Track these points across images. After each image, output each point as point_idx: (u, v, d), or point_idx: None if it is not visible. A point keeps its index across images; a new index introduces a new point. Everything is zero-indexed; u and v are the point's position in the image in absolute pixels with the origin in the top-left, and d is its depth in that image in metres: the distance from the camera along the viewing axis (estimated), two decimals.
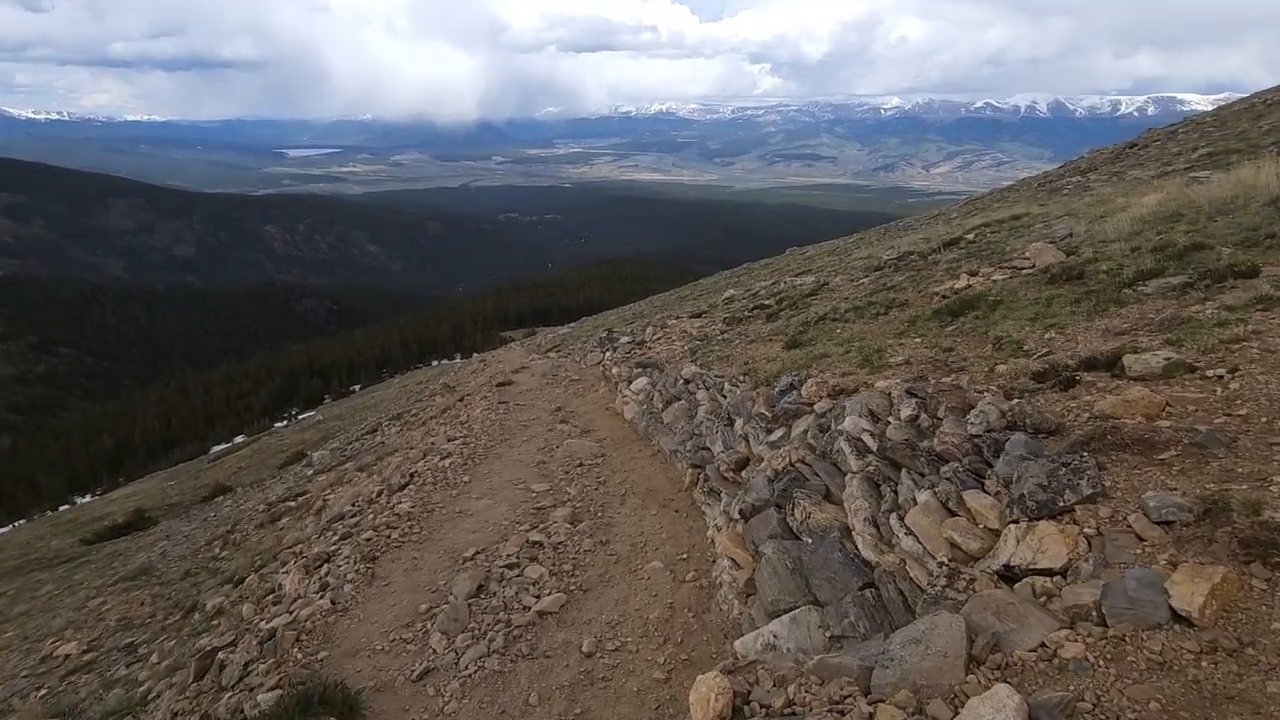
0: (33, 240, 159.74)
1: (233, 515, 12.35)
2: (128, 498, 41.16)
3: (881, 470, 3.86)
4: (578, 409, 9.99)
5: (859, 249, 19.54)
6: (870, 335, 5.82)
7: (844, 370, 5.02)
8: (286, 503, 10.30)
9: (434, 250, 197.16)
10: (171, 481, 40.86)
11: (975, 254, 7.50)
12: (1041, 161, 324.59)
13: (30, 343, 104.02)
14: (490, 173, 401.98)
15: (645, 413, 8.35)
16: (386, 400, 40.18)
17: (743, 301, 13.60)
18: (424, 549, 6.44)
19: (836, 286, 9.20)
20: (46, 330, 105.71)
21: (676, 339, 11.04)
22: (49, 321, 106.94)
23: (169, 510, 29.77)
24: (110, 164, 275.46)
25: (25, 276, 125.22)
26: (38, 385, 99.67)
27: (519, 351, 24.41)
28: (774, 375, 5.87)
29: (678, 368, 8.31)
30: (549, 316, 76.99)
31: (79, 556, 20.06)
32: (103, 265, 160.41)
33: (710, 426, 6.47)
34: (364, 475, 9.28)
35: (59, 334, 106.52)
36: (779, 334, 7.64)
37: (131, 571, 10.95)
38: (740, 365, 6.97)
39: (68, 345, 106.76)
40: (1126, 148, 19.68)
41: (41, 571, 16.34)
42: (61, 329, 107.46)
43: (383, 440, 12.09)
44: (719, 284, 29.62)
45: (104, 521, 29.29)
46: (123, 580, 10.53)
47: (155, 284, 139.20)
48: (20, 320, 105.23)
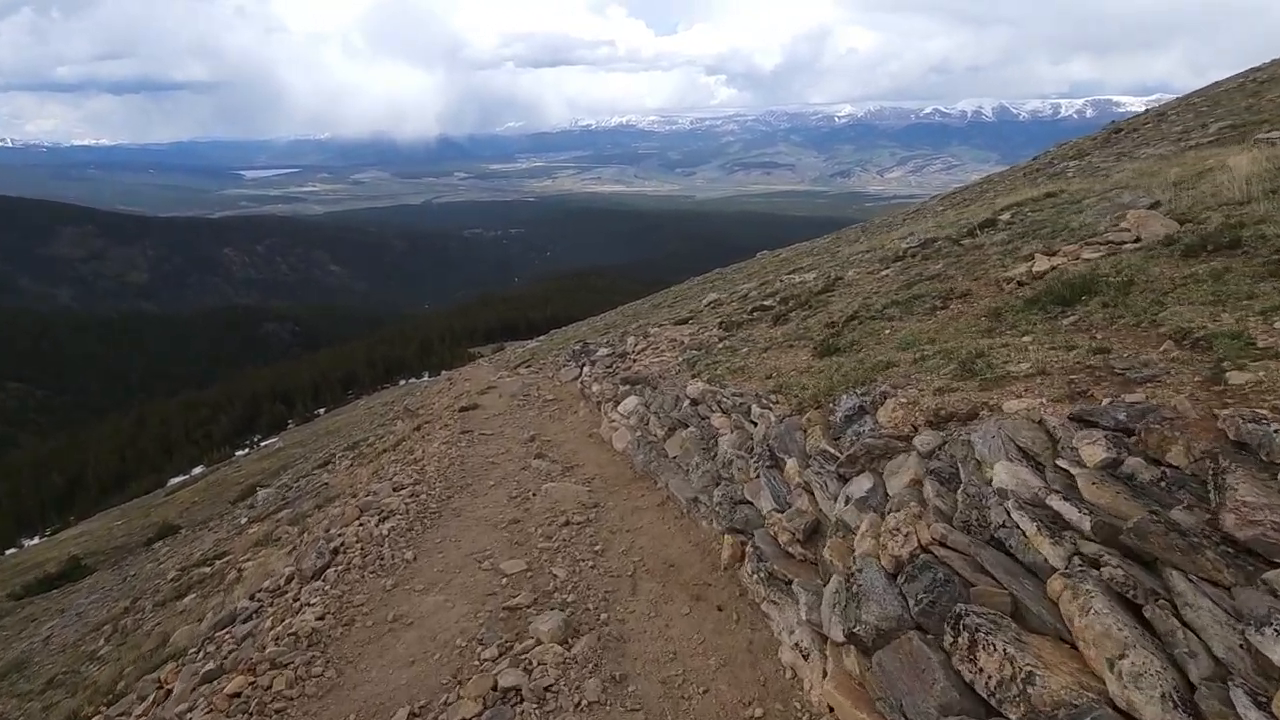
0: None
1: (143, 580, 10.53)
2: (75, 539, 38.45)
3: (1130, 576, 2.23)
4: (556, 437, 8.37)
5: (846, 246, 18.52)
6: (944, 335, 4.53)
7: (937, 385, 3.68)
8: (201, 568, 8.59)
9: (398, 268, 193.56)
10: (120, 521, 38.26)
11: (1029, 233, 6.34)
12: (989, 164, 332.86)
13: None
14: (453, 189, 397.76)
15: (641, 442, 6.88)
16: (350, 424, 38.18)
17: (733, 305, 12.39)
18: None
19: (853, 281, 7.98)
20: None
21: (666, 349, 9.58)
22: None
23: (112, 554, 27.50)
24: (58, 190, 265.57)
25: None
26: None
27: (487, 368, 22.85)
28: (821, 393, 4.48)
29: (677, 384, 6.90)
30: (517, 331, 75.54)
31: None
32: (53, 295, 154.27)
33: (743, 467, 4.86)
34: (295, 531, 7.68)
35: (7, 368, 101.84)
36: (799, 338, 6.35)
37: (3, 667, 9.12)
38: (762, 379, 5.59)
39: (16, 379, 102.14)
40: (1112, 133, 19.14)
41: None
42: (9, 362, 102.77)
43: (327, 481, 10.42)
44: (694, 290, 28.48)
45: (39, 571, 26.95)
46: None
47: (109, 312, 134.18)
48: None
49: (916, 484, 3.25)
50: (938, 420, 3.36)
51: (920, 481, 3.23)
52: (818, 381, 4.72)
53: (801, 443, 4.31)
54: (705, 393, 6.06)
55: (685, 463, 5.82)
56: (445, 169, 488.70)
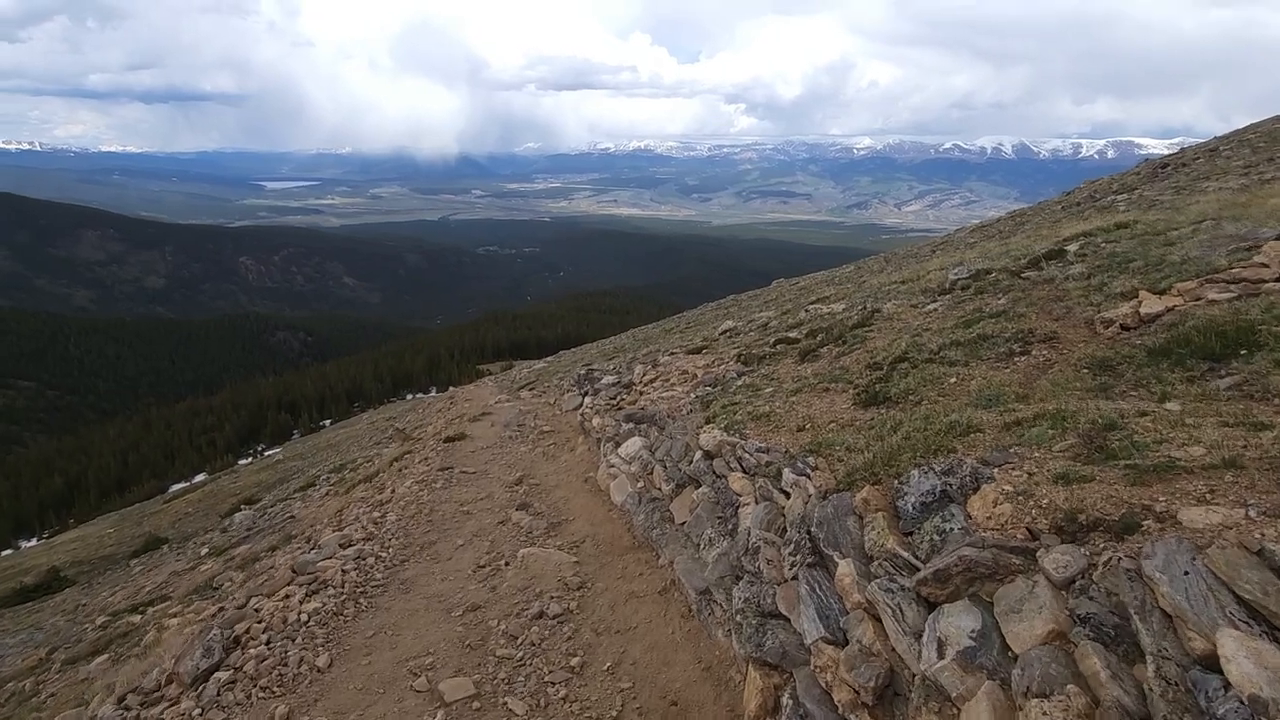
0: None
1: (80, 619, 9.47)
2: (69, 544, 37.68)
3: None
4: (546, 480, 7.32)
5: (871, 276, 17.59)
6: (1038, 392, 3.55)
7: (1055, 468, 2.64)
8: (133, 615, 7.56)
9: (412, 282, 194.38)
10: (112, 529, 37.48)
11: (1112, 267, 5.37)
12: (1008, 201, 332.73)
13: None
14: (470, 206, 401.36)
15: (643, 498, 5.86)
16: (351, 438, 37.38)
17: (751, 334, 11.44)
18: None
19: (894, 314, 7.01)
20: (4, 363, 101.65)
21: (677, 382, 8.60)
22: (8, 354, 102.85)
23: (98, 564, 26.60)
24: (83, 194, 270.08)
25: None
26: None
27: (490, 388, 22.01)
28: (879, 462, 3.37)
29: (688, 427, 5.86)
30: (527, 349, 74.99)
31: None
32: (70, 296, 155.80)
33: (774, 558, 3.64)
34: (240, 579, 6.66)
35: (18, 367, 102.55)
36: (835, 380, 5.37)
37: None
38: (793, 431, 4.56)
39: (27, 378, 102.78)
40: (1159, 167, 18.26)
41: None
42: (21, 361, 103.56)
43: (294, 514, 9.42)
44: (707, 316, 27.62)
45: (18, 580, 26.12)
46: None
47: (124, 315, 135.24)
48: None
49: (1060, 639, 2.11)
50: (1072, 527, 2.26)
51: (1064, 635, 2.11)
52: (867, 441, 3.72)
53: (857, 535, 3.12)
54: (722, 444, 4.97)
55: (696, 534, 4.70)
56: (463, 186, 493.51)
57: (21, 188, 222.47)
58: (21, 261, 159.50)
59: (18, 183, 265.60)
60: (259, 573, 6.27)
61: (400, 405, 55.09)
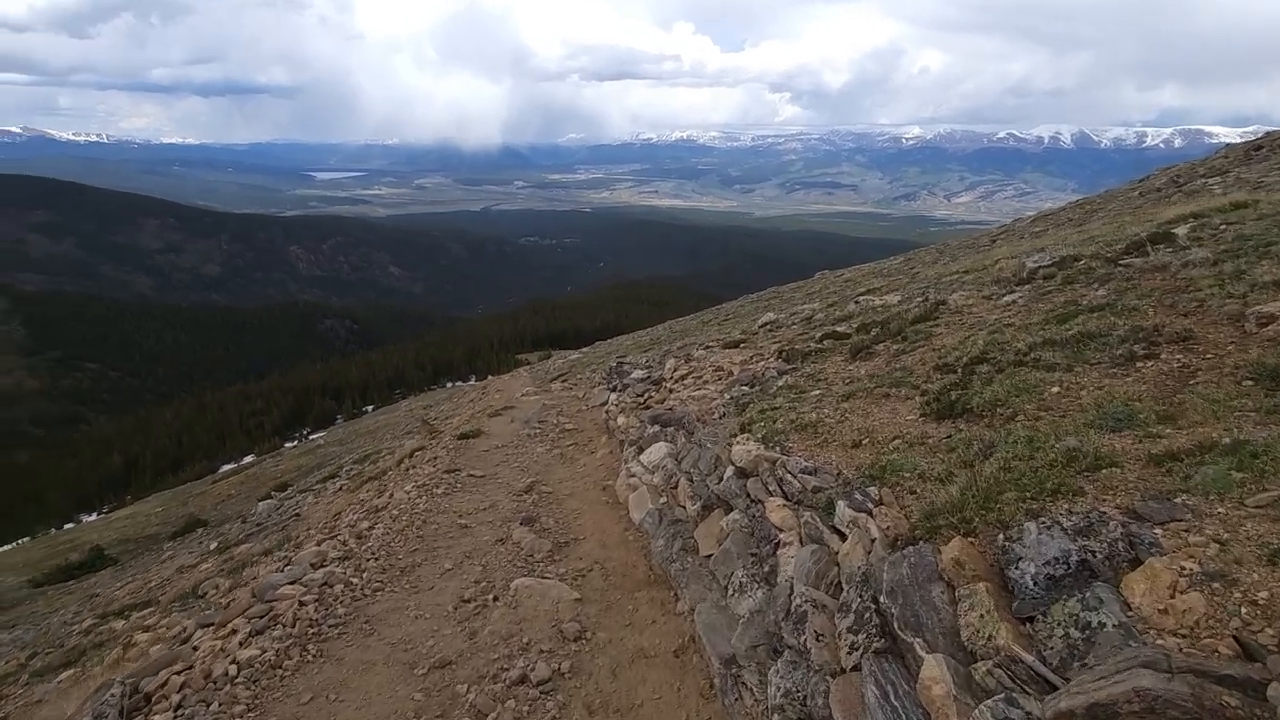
0: (63, 258, 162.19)
1: (70, 618, 9.19)
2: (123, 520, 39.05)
3: None
4: (559, 488, 6.61)
5: (925, 268, 16.45)
6: (1186, 409, 2.68)
7: (1259, 538, 1.81)
8: (115, 621, 7.08)
9: (455, 272, 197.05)
10: (160, 508, 38.60)
11: (1244, 251, 4.40)
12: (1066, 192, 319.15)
13: (55, 357, 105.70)
14: (512, 197, 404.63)
15: (664, 518, 5.12)
16: (389, 425, 37.65)
17: (794, 328, 10.54)
18: None
19: (962, 307, 6.11)
20: (72, 345, 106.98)
21: (710, 379, 7.82)
22: (74, 337, 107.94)
23: (141, 543, 27.29)
24: (145, 184, 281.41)
25: (54, 293, 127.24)
26: (61, 400, 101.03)
27: (523, 379, 21.54)
28: (971, 502, 2.49)
29: (719, 434, 5.16)
30: (566, 340, 74.86)
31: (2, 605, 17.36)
32: (131, 283, 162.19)
33: (826, 630, 2.69)
34: (226, 586, 6.13)
35: (84, 349, 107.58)
36: (897, 384, 4.52)
37: None
38: (846, 446, 3.79)
39: (92, 360, 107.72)
40: (1252, 149, 16.73)
41: None
42: (87, 345, 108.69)
43: (299, 513, 8.96)
44: (747, 308, 26.60)
45: (65, 557, 26.89)
46: None
47: (181, 302, 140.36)
48: (47, 335, 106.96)
49: None
50: None
51: None
52: (948, 468, 2.90)
53: (948, 614, 2.17)
54: (759, 459, 4.10)
55: (724, 574, 3.89)
56: (506, 177, 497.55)
57: (89, 178, 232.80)
58: (87, 249, 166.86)
59: (86, 173, 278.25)
60: (243, 581, 5.73)
61: (439, 393, 55.55)
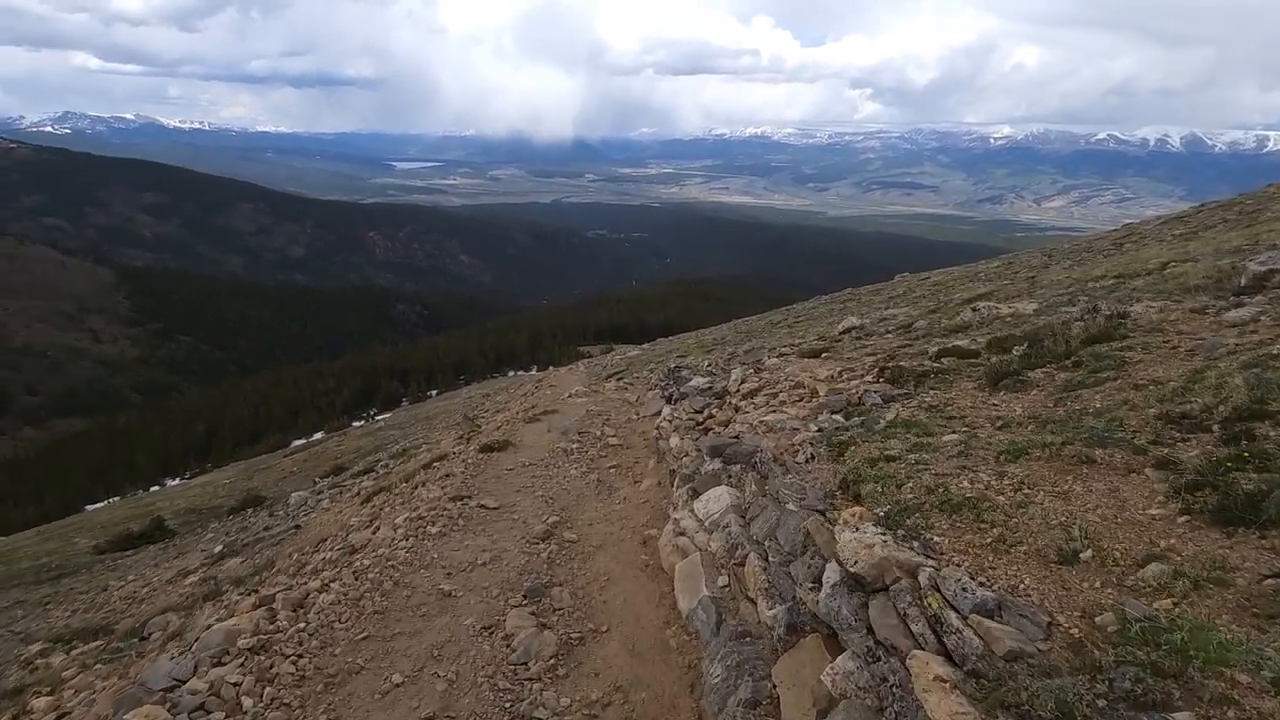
0: (168, 236, 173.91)
1: (84, 607, 9.02)
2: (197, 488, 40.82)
3: None
4: (586, 534, 5.34)
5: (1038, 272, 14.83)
6: None
7: None
8: (54, 655, 6.42)
9: (523, 262, 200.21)
10: (229, 480, 40.14)
11: None
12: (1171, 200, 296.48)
13: (156, 329, 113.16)
14: (582, 190, 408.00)
15: (726, 627, 3.66)
16: (447, 411, 37.92)
17: (886, 336, 9.15)
18: None
19: (1164, 324, 4.84)
20: (171, 319, 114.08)
21: (787, 398, 6.14)
22: (173, 311, 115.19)
23: (204, 515, 28.15)
24: (240, 170, 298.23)
25: (158, 269, 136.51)
26: (158, 368, 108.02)
27: (580, 374, 20.92)
28: None
29: (809, 492, 3.62)
30: (628, 333, 74.41)
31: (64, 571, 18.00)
32: (224, 261, 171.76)
33: None
34: (177, 622, 5.52)
35: (181, 323, 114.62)
36: (1097, 440, 3.22)
37: None
38: (1046, 564, 2.54)
39: (187, 334, 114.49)
40: None
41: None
42: (183, 318, 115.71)
43: (300, 523, 8.40)
44: (821, 310, 25.07)
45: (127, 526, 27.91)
46: None
47: (267, 281, 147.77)
48: (150, 308, 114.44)
49: None
50: None
51: None
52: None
53: None
54: (888, 566, 2.69)
55: None
56: (577, 170, 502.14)
57: (193, 163, 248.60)
58: (188, 229, 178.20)
59: (190, 158, 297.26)
60: (195, 622, 4.97)
61: (499, 381, 55.97)
